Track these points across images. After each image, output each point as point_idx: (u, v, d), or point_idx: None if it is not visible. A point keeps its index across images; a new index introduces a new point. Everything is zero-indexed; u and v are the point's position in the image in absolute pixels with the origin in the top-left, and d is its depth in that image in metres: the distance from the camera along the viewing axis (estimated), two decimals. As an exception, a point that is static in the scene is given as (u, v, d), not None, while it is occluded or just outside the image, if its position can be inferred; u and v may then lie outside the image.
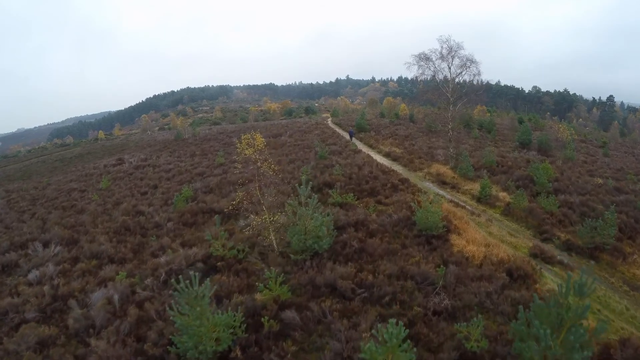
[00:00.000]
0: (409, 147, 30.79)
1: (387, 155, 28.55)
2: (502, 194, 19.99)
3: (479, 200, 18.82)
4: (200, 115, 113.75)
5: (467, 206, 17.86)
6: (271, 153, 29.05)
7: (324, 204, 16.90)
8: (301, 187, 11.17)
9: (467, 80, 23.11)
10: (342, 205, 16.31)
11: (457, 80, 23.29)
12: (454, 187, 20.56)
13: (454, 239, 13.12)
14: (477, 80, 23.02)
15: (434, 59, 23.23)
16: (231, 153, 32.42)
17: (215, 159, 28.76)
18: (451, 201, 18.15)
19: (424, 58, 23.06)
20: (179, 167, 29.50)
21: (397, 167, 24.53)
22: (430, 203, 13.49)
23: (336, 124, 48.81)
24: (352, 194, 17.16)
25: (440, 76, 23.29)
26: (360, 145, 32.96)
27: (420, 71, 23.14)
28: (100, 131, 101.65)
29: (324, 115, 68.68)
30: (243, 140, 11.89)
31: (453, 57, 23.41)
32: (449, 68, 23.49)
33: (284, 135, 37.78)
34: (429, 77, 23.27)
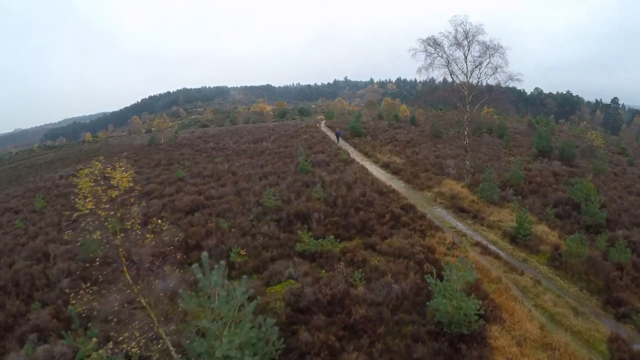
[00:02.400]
0: (412, 156, 25.11)
1: (385, 166, 22.89)
2: (542, 228, 14.36)
3: (513, 239, 13.16)
4: (193, 116, 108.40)
5: (500, 251, 12.21)
6: (243, 165, 23.47)
7: (290, 250, 11.28)
8: (201, 276, 5.49)
9: (489, 73, 17.48)
10: (316, 256, 10.65)
11: (475, 73, 17.66)
12: (476, 217, 14.88)
13: (494, 335, 7.48)
14: (503, 75, 17.35)
15: (445, 45, 17.60)
16: (199, 162, 26.86)
17: (175, 172, 23.12)
18: (477, 244, 12.48)
19: (433, 43, 17.41)
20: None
21: (398, 184, 18.89)
22: (452, 260, 7.91)
23: (329, 126, 43.14)
24: (332, 236, 11.46)
25: (455, 67, 17.66)
26: (354, 153, 27.31)
27: (429, 60, 17.53)
28: (87, 133, 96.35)
29: (319, 117, 62.98)
30: (82, 178, 6.17)
31: (470, 43, 17.77)
32: (465, 57, 17.85)
33: (266, 141, 32.15)
34: (439, 68, 17.60)
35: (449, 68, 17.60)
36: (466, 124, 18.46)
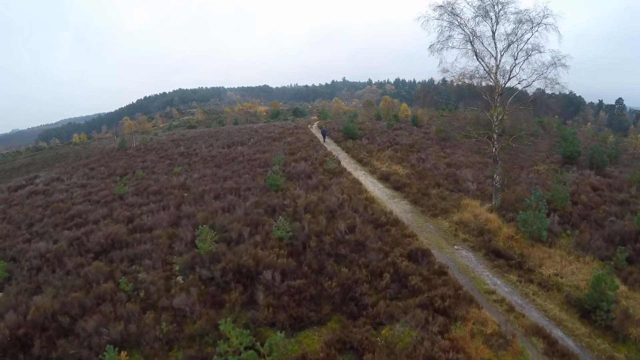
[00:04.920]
0: (418, 164, 19.80)
1: (384, 178, 17.61)
2: (623, 289, 9.06)
3: (584, 312, 7.90)
4: (186, 117, 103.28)
5: (571, 342, 6.94)
6: (204, 177, 18.19)
7: (211, 346, 6.00)
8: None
9: (526, 56, 12.17)
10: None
11: (510, 53, 12.35)
12: (521, 267, 9.58)
13: None
14: (546, 57, 12.05)
15: (468, 15, 12.30)
16: (156, 172, 21.56)
17: (115, 188, 17.82)
18: (537, 331, 7.14)
19: (450, 11, 12.13)
20: (68, 199, 18.64)
21: (401, 206, 13.62)
22: None
23: (321, 127, 37.84)
24: (283, 334, 6.13)
25: (480, 47, 12.39)
26: (346, 160, 22.04)
27: (445, 34, 12.24)
28: (75, 135, 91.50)
29: (313, 117, 57.70)
30: None
31: (499, 16, 12.47)
32: (493, 34, 12.55)
33: (245, 144, 26.83)
34: (458, 47, 12.29)
35: (473, 47, 12.29)
36: (496, 125, 13.18)
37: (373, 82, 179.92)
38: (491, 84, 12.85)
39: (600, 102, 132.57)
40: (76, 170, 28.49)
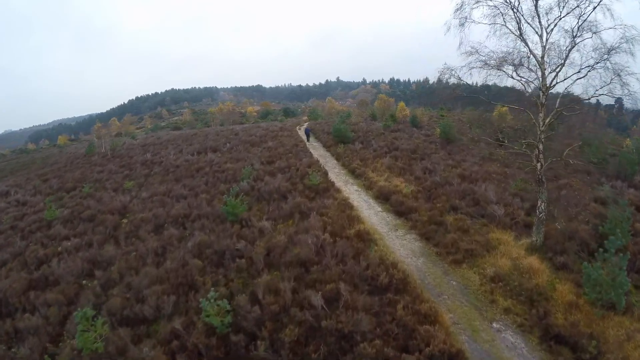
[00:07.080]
0: (424, 177, 15.94)
1: (383, 197, 13.74)
2: None
3: None
4: (176, 117, 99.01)
5: None
6: (154, 195, 14.25)
7: None
8: None
9: (591, 32, 8.40)
10: None
11: (557, 35, 8.60)
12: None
13: None
14: (615, 37, 8.29)
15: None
16: (106, 187, 17.57)
17: (45, 212, 13.81)
18: None
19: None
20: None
21: (408, 245, 9.80)
22: None
23: (310, 129, 33.93)
24: None
25: (518, 20, 8.56)
26: (335, 169, 18.21)
27: (471, 1, 8.40)
28: (59, 137, 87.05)
29: (304, 118, 53.80)
30: None
31: (543, -22, 8.65)
32: (536, 4, 8.74)
33: (217, 151, 22.84)
34: (489, 17, 8.51)
35: (516, 14, 8.43)
36: (542, 130, 9.43)
37: (367, 82, 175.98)
38: (531, 77, 9.03)
39: (598, 101, 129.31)
40: (30, 181, 24.41)
